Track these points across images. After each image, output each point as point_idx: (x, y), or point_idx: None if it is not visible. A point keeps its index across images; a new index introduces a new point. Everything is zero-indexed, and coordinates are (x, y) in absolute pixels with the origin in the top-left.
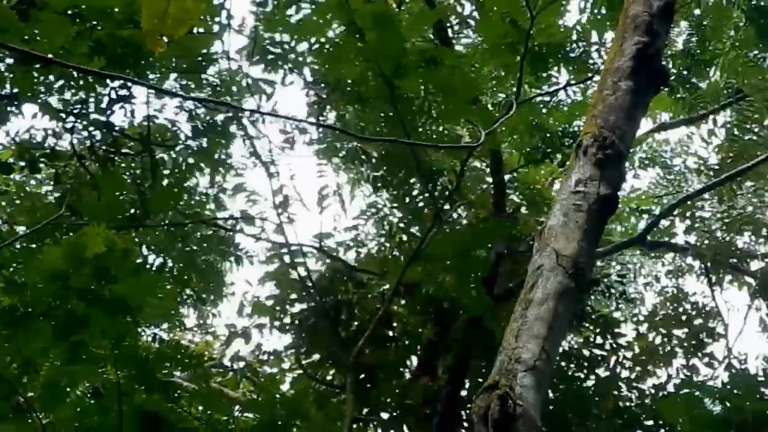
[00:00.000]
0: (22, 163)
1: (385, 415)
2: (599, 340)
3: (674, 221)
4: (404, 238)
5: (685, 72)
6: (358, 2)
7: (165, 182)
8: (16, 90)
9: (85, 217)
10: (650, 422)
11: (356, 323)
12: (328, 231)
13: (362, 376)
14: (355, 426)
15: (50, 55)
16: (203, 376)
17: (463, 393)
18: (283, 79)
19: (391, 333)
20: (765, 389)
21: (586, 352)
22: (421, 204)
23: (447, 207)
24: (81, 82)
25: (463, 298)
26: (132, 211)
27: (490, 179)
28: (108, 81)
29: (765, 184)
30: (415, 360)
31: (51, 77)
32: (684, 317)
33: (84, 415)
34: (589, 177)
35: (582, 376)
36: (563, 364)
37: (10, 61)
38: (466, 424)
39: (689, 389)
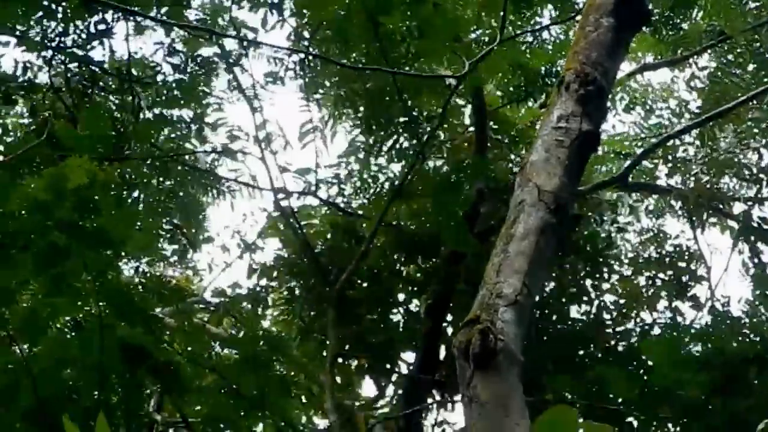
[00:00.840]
0: None
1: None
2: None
3: (657, 164)
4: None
5: (667, 12)
6: None
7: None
8: None
9: (65, 149)
10: (634, 364)
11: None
12: (309, 167)
13: (346, 312)
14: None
15: None
16: (185, 311)
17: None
18: (264, 21)
19: (375, 270)
20: (747, 331)
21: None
22: (404, 143)
23: (429, 144)
24: (60, 15)
25: (445, 234)
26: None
27: (471, 120)
28: (87, 15)
29: (747, 127)
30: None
31: (31, 8)
32: (667, 260)
33: (65, 348)
34: (571, 113)
35: (568, 313)
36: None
37: None
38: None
39: (672, 332)
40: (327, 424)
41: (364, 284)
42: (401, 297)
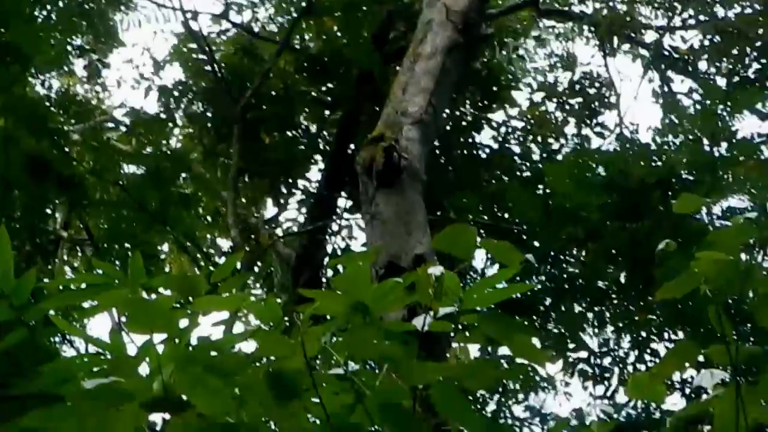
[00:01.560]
0: None
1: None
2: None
3: None
4: None
5: None
6: None
7: None
8: None
9: None
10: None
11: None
12: None
13: (250, 133)
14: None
15: None
16: (94, 127)
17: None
18: None
19: (279, 90)
20: (655, 157)
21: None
22: None
23: None
24: None
25: (353, 53)
26: None
27: None
28: None
29: None
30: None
31: None
32: (577, 86)
33: None
34: None
35: (471, 140)
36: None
37: None
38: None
39: (578, 156)
40: (230, 240)
41: (269, 105)
42: (308, 118)
